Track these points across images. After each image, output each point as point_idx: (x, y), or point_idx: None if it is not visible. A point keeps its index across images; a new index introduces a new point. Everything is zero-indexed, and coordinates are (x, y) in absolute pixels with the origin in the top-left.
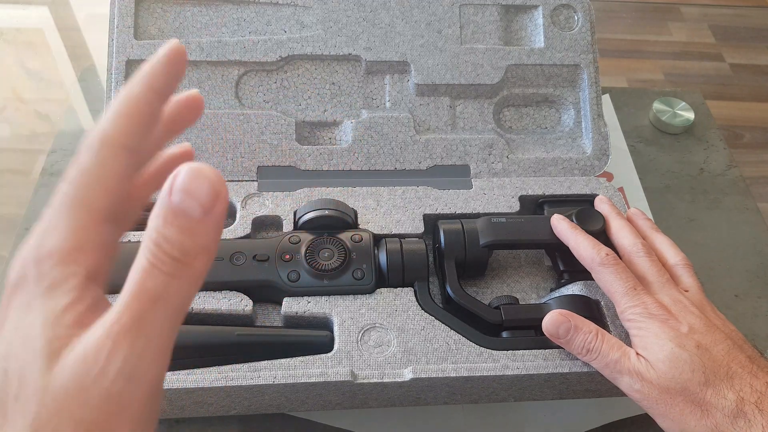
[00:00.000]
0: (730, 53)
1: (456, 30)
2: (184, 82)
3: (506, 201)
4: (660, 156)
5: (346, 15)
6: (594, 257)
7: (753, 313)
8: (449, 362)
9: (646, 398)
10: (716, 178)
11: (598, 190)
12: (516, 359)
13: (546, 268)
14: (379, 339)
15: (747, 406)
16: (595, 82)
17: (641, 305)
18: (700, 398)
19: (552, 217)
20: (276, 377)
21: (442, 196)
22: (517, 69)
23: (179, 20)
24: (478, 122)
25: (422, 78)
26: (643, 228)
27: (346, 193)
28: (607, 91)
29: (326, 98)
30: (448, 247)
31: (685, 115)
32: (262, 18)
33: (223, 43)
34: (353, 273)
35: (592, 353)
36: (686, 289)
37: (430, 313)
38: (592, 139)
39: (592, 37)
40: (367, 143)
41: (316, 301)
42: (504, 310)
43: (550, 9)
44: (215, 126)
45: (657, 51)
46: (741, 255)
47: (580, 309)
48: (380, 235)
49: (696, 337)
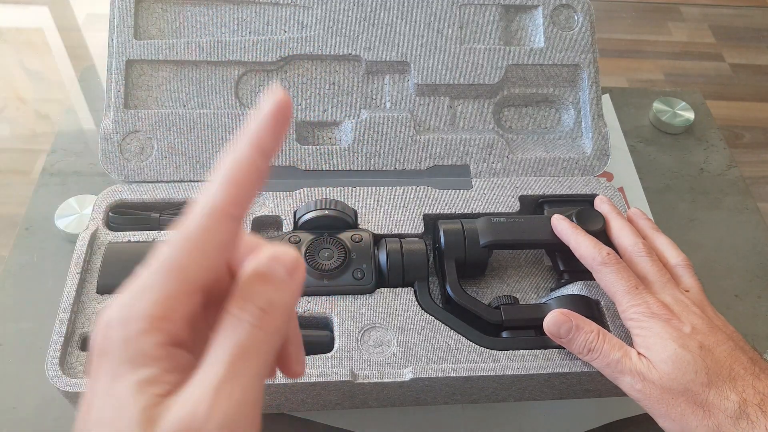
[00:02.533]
0: (730, 53)
1: (456, 30)
2: (184, 81)
3: (506, 201)
4: (660, 156)
5: (346, 15)
6: (595, 256)
7: (753, 313)
8: (449, 362)
9: (647, 398)
10: (716, 178)
11: (598, 190)
12: (516, 359)
13: (546, 268)
14: (379, 339)
15: (750, 408)
16: (595, 82)
17: (643, 304)
18: (702, 399)
19: (552, 217)
20: (276, 377)
21: (442, 196)
22: (517, 69)
23: (179, 20)
24: (478, 122)
25: (422, 78)
26: (643, 228)
27: (346, 193)
28: (607, 91)
29: (326, 98)
30: (448, 247)
31: (685, 115)
32: (262, 18)
33: (223, 43)
34: (353, 273)
35: (593, 353)
36: (687, 290)
37: (430, 313)
38: (592, 139)
39: (592, 37)
40: (367, 143)
41: (316, 301)
42: (504, 310)
43: (550, 9)
44: (215, 126)
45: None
46: (741, 255)
47: (581, 309)
48: (380, 235)
49: (699, 337)
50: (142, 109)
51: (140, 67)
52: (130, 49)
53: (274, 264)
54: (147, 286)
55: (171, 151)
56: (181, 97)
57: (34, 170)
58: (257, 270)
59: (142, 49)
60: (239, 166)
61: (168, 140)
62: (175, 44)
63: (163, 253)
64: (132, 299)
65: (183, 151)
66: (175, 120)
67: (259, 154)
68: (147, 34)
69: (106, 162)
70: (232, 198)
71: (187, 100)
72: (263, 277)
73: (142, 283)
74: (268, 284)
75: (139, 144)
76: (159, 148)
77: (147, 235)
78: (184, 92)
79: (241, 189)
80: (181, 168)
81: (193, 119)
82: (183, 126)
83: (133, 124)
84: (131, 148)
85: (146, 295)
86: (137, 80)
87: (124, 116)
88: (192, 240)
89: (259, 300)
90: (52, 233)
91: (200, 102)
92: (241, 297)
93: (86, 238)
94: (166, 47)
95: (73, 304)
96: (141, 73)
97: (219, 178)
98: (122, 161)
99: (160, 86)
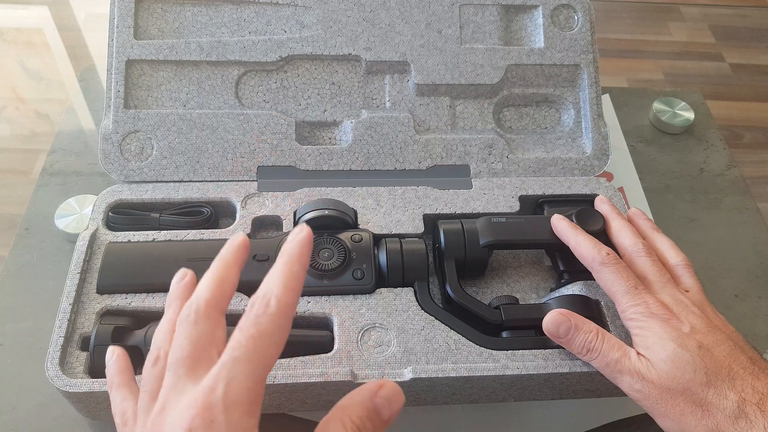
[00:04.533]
0: (730, 53)
1: (456, 30)
2: (184, 81)
3: (506, 201)
4: (660, 156)
5: (346, 15)
6: (595, 256)
7: (753, 313)
8: (449, 362)
9: (647, 398)
10: (716, 178)
11: (598, 190)
12: (516, 359)
13: (546, 268)
14: (379, 339)
15: (748, 407)
16: (595, 82)
17: (643, 304)
18: (701, 398)
19: (552, 216)
20: (276, 377)
21: (442, 196)
22: (517, 69)
23: (179, 20)
24: (478, 122)
25: (422, 78)
26: (643, 228)
27: (346, 193)
28: (607, 91)
29: (326, 98)
30: (448, 247)
31: (685, 115)
32: (262, 18)
33: (223, 43)
34: (353, 273)
35: (592, 353)
36: (687, 290)
37: (430, 313)
38: (592, 139)
39: (592, 37)
40: (367, 143)
41: (316, 301)
42: (504, 310)
43: (550, 9)
44: (215, 126)
45: (657, 51)
46: (741, 255)
47: (580, 309)
48: (380, 235)
49: (698, 337)
50: (142, 109)
51: (140, 67)
52: (130, 49)
53: (386, 406)
54: (236, 375)
55: (171, 151)
56: (181, 97)
57: (34, 170)
58: (373, 407)
59: (142, 49)
60: (300, 275)
61: (168, 140)
62: (175, 44)
63: (241, 344)
64: (228, 387)
65: (183, 151)
66: (175, 120)
67: (303, 269)
68: (147, 34)
69: (106, 162)
70: (293, 302)
71: (187, 100)
72: (374, 414)
73: (230, 373)
74: (375, 424)
75: (139, 144)
76: (159, 148)
77: (147, 235)
78: (184, 92)
79: (297, 296)
80: (181, 168)
81: (193, 119)
82: (183, 126)
83: (133, 124)
84: (131, 148)
85: (239, 384)
86: (137, 80)
87: (124, 116)
88: (268, 336)
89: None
90: (52, 233)
91: (200, 102)
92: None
93: (86, 238)
94: (166, 47)
95: (73, 304)
96: (141, 73)
97: (284, 287)
98: (122, 161)
99: (160, 86)
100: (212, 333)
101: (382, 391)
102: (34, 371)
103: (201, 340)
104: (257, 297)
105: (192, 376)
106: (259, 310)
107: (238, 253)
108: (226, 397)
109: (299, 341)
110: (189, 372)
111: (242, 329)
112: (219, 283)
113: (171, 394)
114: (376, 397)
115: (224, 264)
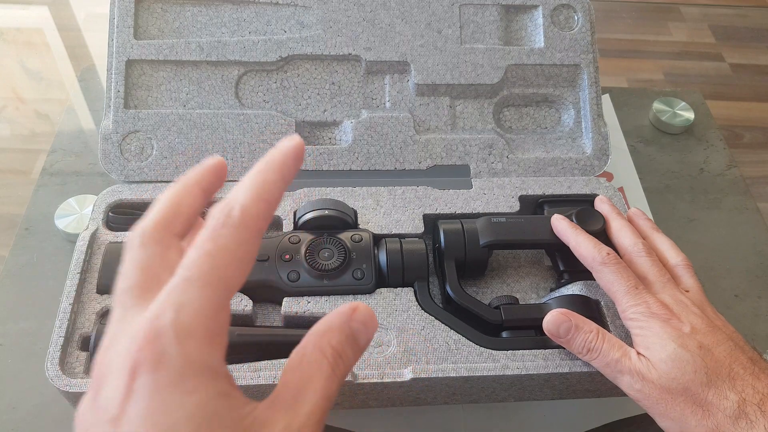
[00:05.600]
0: (730, 53)
1: (456, 30)
2: (184, 81)
3: (506, 201)
4: (660, 156)
5: (346, 15)
6: (595, 256)
7: (753, 313)
8: (449, 362)
9: (647, 398)
10: (716, 178)
11: (598, 190)
12: (516, 359)
13: (546, 268)
14: (379, 339)
15: (749, 407)
16: (595, 82)
17: (643, 304)
18: (701, 399)
19: (552, 216)
20: (276, 377)
21: (442, 196)
22: (517, 69)
23: (179, 20)
24: (478, 122)
25: (422, 78)
26: (643, 228)
27: (346, 193)
28: (607, 91)
29: (326, 98)
30: (448, 247)
31: (685, 115)
32: (262, 18)
33: (223, 43)
34: (353, 273)
35: (592, 352)
36: (687, 290)
37: (430, 313)
38: (592, 139)
39: (592, 37)
40: (367, 143)
41: (316, 301)
42: (504, 310)
43: (550, 9)
44: (215, 126)
45: (657, 51)
46: (741, 255)
47: (580, 309)
48: (380, 235)
49: (698, 337)
50: (142, 109)
51: (140, 67)
52: (130, 49)
53: (362, 330)
54: (190, 299)
55: (171, 151)
56: (181, 97)
57: (34, 170)
58: (350, 331)
59: (142, 49)
60: (270, 186)
61: (168, 140)
62: (175, 44)
63: (196, 263)
64: (179, 314)
65: (183, 151)
66: (175, 120)
67: (282, 180)
68: (147, 34)
69: (106, 162)
70: (263, 213)
71: (187, 100)
72: (352, 339)
73: (183, 296)
74: (354, 347)
75: (139, 144)
76: (159, 148)
77: None
78: (184, 92)
79: (269, 207)
80: (181, 168)
81: (193, 119)
82: (183, 126)
83: (133, 124)
84: (131, 148)
85: (193, 309)
86: (137, 80)
87: (124, 116)
88: (229, 252)
89: (348, 359)
90: (51, 233)
91: (200, 102)
92: (334, 352)
93: (86, 238)
94: (166, 47)
95: (73, 304)
96: (141, 73)
97: (251, 195)
98: (122, 161)
99: (160, 86)
100: (163, 256)
101: (356, 314)
102: (34, 371)
103: (150, 265)
104: (217, 206)
105: (142, 305)
106: (218, 221)
107: (274, 166)
108: (177, 324)
109: (299, 341)
110: (138, 301)
111: (197, 246)
112: (169, 204)
113: (117, 327)
114: (352, 321)
115: (182, 182)
